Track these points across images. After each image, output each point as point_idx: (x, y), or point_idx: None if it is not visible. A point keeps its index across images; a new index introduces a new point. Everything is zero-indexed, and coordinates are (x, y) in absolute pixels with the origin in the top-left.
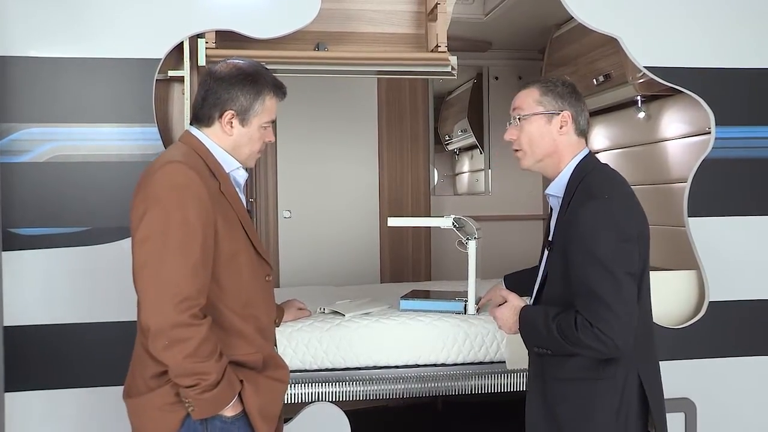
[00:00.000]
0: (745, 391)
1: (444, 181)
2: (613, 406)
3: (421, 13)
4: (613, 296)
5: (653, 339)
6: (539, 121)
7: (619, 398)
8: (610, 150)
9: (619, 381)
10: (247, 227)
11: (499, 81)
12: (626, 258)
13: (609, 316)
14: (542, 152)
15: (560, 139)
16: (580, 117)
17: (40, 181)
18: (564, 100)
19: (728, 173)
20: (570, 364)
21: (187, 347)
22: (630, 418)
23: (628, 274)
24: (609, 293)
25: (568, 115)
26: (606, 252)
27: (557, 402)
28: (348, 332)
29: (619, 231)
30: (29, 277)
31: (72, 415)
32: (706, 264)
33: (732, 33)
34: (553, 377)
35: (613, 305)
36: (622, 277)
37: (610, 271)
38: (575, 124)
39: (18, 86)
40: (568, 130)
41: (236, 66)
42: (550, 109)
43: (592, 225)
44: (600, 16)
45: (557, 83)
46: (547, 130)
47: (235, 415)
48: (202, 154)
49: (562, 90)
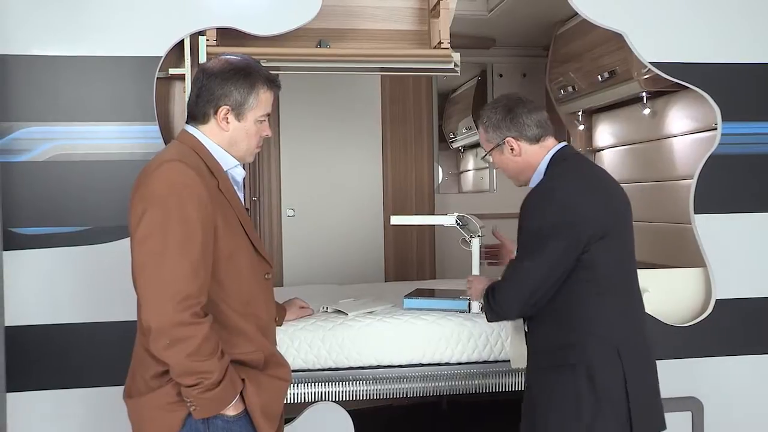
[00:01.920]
0: (753, 389)
1: (448, 179)
2: (570, 395)
3: (423, 10)
4: (510, 272)
5: (642, 331)
6: (496, 154)
7: (579, 388)
8: (615, 147)
9: (580, 370)
10: (246, 225)
11: (503, 78)
12: (538, 245)
13: (503, 285)
14: (515, 173)
15: (519, 159)
16: (525, 131)
17: (41, 180)
18: (502, 128)
19: (735, 170)
20: (534, 357)
21: (188, 346)
22: (592, 407)
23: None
24: (511, 270)
25: (512, 139)
26: (525, 234)
27: (527, 392)
28: (351, 331)
29: (543, 217)
30: (30, 276)
31: (74, 415)
32: (712, 261)
33: (738, 28)
34: (527, 370)
35: (509, 278)
36: (529, 258)
37: (521, 252)
38: (523, 139)
39: (18, 85)
40: (520, 149)
41: (228, 61)
42: (496, 142)
43: (523, 212)
44: (604, 12)
45: (490, 114)
46: (505, 158)
47: (237, 414)
48: (200, 152)
49: (497, 119)
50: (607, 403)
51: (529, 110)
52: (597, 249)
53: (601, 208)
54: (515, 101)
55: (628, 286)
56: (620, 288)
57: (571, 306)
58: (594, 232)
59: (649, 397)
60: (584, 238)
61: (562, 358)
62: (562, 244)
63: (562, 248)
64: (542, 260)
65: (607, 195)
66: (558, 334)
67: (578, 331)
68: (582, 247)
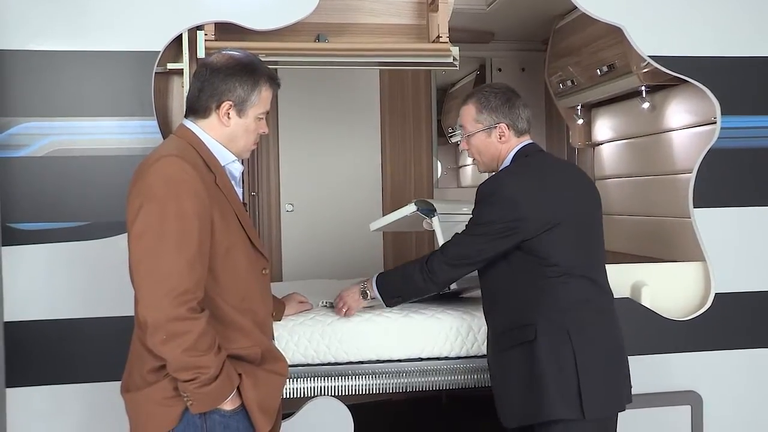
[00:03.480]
0: (752, 383)
1: (447, 173)
2: (523, 373)
3: (422, 4)
4: (451, 243)
5: (604, 314)
6: (480, 136)
7: (529, 366)
8: (614, 141)
9: (530, 349)
10: (243, 221)
11: (502, 72)
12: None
13: (440, 253)
14: (489, 158)
15: (502, 146)
16: (517, 122)
17: (39, 175)
18: (498, 112)
19: (734, 163)
20: (492, 339)
21: (185, 341)
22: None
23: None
24: (452, 242)
25: (505, 126)
26: (474, 218)
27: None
28: (350, 326)
29: (491, 209)
30: (29, 272)
31: (73, 411)
32: (711, 255)
33: (737, 21)
34: (494, 351)
35: (449, 247)
36: (471, 237)
37: (468, 233)
38: (513, 130)
39: (16, 80)
40: (508, 137)
41: (232, 57)
42: (487, 124)
43: (477, 198)
44: (603, 5)
45: (490, 96)
46: (489, 142)
47: (234, 408)
48: (197, 147)
49: (496, 103)
50: (553, 382)
51: (523, 105)
52: (547, 237)
53: (549, 203)
54: (513, 92)
55: (586, 271)
56: (577, 272)
57: (524, 290)
58: (539, 225)
59: (609, 378)
60: (525, 229)
61: (516, 338)
62: (502, 231)
63: (501, 236)
64: (484, 240)
65: (562, 190)
66: (512, 316)
67: (530, 313)
68: (522, 237)
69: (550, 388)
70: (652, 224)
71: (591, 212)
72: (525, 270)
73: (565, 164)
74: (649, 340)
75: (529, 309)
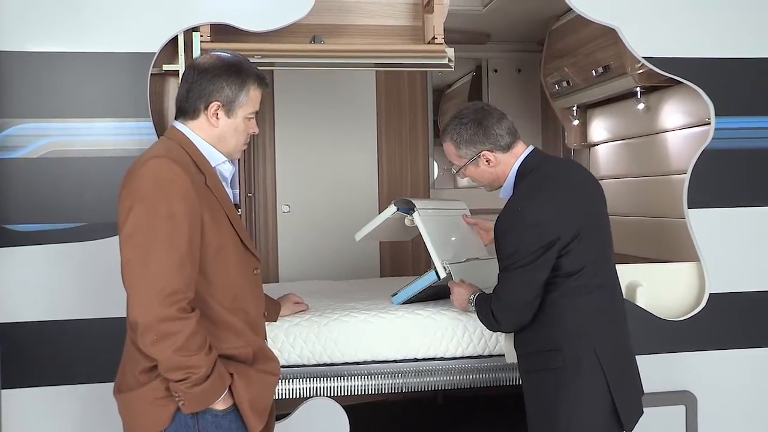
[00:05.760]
0: (746, 383)
1: (444, 174)
2: (553, 397)
3: (417, 5)
4: (499, 287)
5: (619, 322)
6: (470, 167)
7: (571, 387)
8: (609, 142)
9: (568, 371)
10: (233, 221)
11: (498, 73)
12: (521, 262)
13: (495, 299)
14: (489, 182)
15: (495, 169)
16: (498, 142)
17: (35, 176)
18: (475, 142)
19: (728, 164)
20: (523, 359)
21: (176, 341)
22: (588, 404)
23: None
24: (500, 286)
25: (487, 152)
26: (504, 254)
27: (525, 395)
28: (346, 327)
29: (519, 239)
30: (24, 273)
31: (69, 412)
32: (706, 256)
33: (731, 23)
34: (521, 371)
35: (499, 293)
36: (513, 273)
37: (504, 269)
38: (498, 150)
39: (12, 81)
40: (495, 159)
41: (219, 57)
42: (469, 156)
43: (498, 235)
44: (598, 7)
45: (461, 130)
46: (480, 170)
47: (226, 408)
48: (187, 148)
49: (468, 134)
50: (589, 402)
51: (497, 119)
52: (571, 251)
53: (571, 215)
54: (481, 112)
55: (603, 280)
56: (595, 283)
57: (549, 309)
58: (567, 240)
59: (631, 388)
60: (558, 248)
61: (543, 362)
62: (540, 256)
63: (541, 260)
64: (526, 272)
65: (576, 198)
66: (536, 338)
67: (555, 334)
68: (557, 254)
69: (588, 410)
70: (647, 225)
71: (602, 215)
72: (546, 288)
73: (568, 167)
74: (644, 340)
75: (553, 330)
